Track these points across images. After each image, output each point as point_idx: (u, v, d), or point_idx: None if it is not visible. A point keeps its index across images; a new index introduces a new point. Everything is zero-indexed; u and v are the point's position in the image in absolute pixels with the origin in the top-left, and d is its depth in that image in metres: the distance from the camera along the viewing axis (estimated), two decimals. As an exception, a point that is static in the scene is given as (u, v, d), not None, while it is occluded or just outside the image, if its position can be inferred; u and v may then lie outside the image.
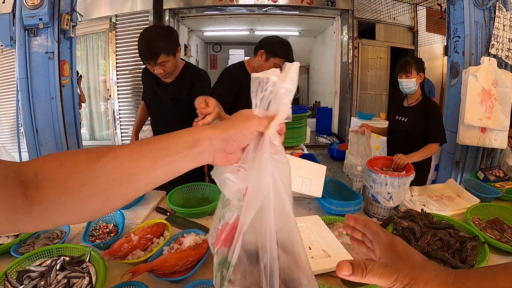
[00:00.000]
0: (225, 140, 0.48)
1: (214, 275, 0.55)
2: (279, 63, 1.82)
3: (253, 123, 0.49)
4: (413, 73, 2.01)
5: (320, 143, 6.39)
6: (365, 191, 1.55)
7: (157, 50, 1.49)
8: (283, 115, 0.51)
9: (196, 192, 1.73)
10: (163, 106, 1.77)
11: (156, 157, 0.44)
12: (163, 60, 1.52)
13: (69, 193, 0.40)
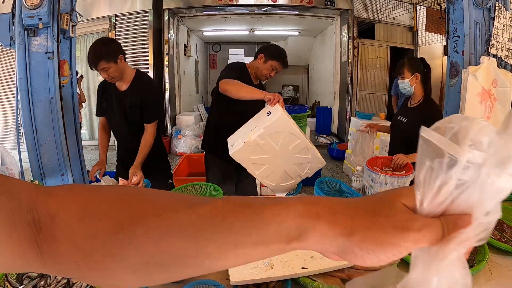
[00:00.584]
0: (345, 251, 0.30)
1: None
2: (275, 66, 1.99)
3: (405, 244, 0.29)
4: (406, 74, 2.03)
5: (320, 142, 6.39)
6: (365, 191, 1.55)
7: (96, 58, 1.73)
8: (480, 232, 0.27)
9: (196, 192, 1.73)
10: (122, 115, 1.95)
11: (227, 242, 0.30)
12: (104, 66, 1.75)
13: (87, 261, 0.30)
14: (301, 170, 1.68)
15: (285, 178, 1.69)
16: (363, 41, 6.16)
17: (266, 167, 1.61)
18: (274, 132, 1.52)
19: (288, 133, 1.55)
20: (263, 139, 1.52)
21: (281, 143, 1.56)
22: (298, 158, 1.62)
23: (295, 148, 1.59)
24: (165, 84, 6.14)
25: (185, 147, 5.72)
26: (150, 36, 5.74)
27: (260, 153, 1.56)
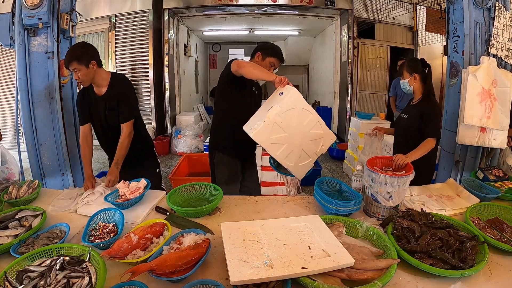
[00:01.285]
0: None
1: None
2: (273, 62, 2.04)
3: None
4: (405, 75, 2.13)
5: (320, 142, 6.38)
6: (365, 191, 1.55)
7: (70, 58, 1.79)
8: None
9: (196, 192, 1.73)
10: (104, 119, 1.99)
11: None
12: (75, 67, 1.80)
13: None
14: (316, 146, 1.76)
15: (303, 157, 1.75)
16: (363, 41, 6.16)
17: (285, 147, 1.66)
18: (289, 108, 1.60)
19: (302, 109, 1.64)
20: (281, 116, 1.59)
21: (297, 120, 1.64)
22: (313, 134, 1.70)
23: (309, 123, 1.68)
24: (165, 84, 6.13)
25: (185, 147, 5.72)
26: (150, 36, 5.73)
27: (279, 132, 1.62)
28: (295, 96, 1.62)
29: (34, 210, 1.43)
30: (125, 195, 1.60)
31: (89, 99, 1.98)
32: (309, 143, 1.72)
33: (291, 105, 1.61)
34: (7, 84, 5.65)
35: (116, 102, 1.95)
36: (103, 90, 1.96)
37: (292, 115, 1.62)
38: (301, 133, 1.68)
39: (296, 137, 1.67)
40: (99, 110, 1.98)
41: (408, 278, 1.06)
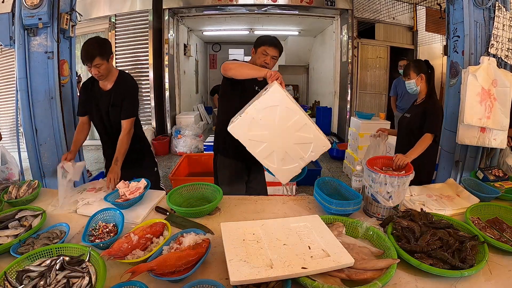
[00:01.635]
0: None
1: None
2: (265, 49, 1.95)
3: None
4: (411, 75, 2.15)
5: (320, 142, 6.38)
6: (365, 191, 1.55)
7: (93, 54, 1.82)
8: None
9: (196, 192, 1.73)
10: (103, 113, 2.01)
11: None
12: (98, 62, 1.84)
13: None
14: (304, 151, 1.61)
15: (287, 160, 1.62)
16: (363, 41, 6.16)
17: (265, 146, 1.57)
18: (270, 105, 1.50)
19: (285, 108, 1.51)
20: (260, 113, 1.50)
21: (279, 119, 1.52)
22: (299, 137, 1.57)
23: (295, 125, 1.54)
24: (165, 84, 6.14)
25: (185, 147, 5.72)
26: (150, 36, 5.73)
27: (258, 129, 1.53)
28: (276, 93, 1.50)
29: (34, 210, 1.43)
30: (125, 195, 1.60)
31: (92, 93, 2.01)
32: (295, 147, 1.59)
33: (271, 102, 1.50)
34: (7, 84, 5.64)
35: (120, 99, 1.98)
36: (108, 85, 1.99)
37: (274, 113, 1.52)
38: (284, 134, 1.56)
39: (279, 137, 1.56)
40: (102, 105, 2.00)
41: (408, 278, 1.06)
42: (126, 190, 1.62)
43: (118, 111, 1.99)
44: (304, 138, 1.58)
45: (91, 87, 2.03)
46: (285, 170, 1.65)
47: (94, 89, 2.02)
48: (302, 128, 1.56)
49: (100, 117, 2.03)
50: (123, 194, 1.62)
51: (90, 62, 1.84)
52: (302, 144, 1.59)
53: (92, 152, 5.89)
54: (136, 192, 1.62)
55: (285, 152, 1.60)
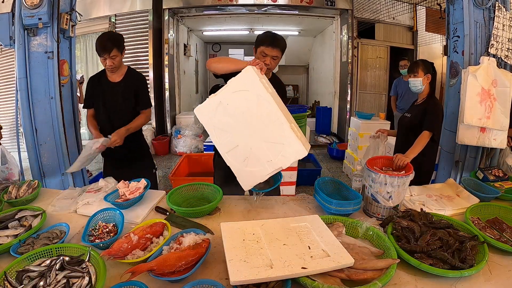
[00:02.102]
0: None
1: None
2: (263, 50, 1.81)
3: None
4: (420, 73, 2.14)
5: (320, 142, 6.39)
6: (365, 191, 1.55)
7: (112, 44, 1.96)
8: None
9: (196, 192, 1.73)
10: (116, 105, 2.11)
11: None
12: (115, 54, 1.98)
13: None
14: (272, 153, 1.35)
15: (251, 160, 1.39)
16: (363, 41, 6.16)
17: (229, 137, 1.39)
18: (239, 89, 1.34)
19: (256, 95, 1.32)
20: (228, 97, 1.35)
21: (248, 107, 1.33)
22: (269, 134, 1.33)
23: (266, 118, 1.33)
24: (165, 84, 6.13)
25: (185, 147, 5.72)
26: (150, 36, 5.73)
27: (224, 116, 1.37)
28: (248, 75, 1.34)
29: (34, 210, 1.43)
30: (125, 195, 1.60)
31: (100, 86, 2.11)
32: (262, 145, 1.35)
33: (242, 85, 1.33)
34: (7, 84, 5.64)
35: (132, 91, 2.11)
36: (117, 78, 2.11)
37: (243, 100, 1.33)
38: (252, 127, 1.34)
39: (245, 129, 1.35)
40: (110, 96, 2.09)
41: (408, 278, 1.06)
42: (126, 190, 1.62)
43: (128, 103, 2.11)
44: (275, 136, 1.34)
45: (98, 81, 2.12)
46: (248, 173, 1.42)
47: (101, 82, 2.11)
48: (275, 124, 1.32)
49: (106, 108, 2.11)
50: (123, 194, 1.62)
51: (108, 53, 1.95)
52: (271, 144, 1.35)
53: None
54: (136, 192, 1.62)
55: (250, 150, 1.38)
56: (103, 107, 2.11)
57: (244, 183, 1.45)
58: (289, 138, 1.32)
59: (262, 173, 1.39)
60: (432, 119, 2.03)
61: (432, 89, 2.19)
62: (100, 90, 2.11)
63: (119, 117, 2.11)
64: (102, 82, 2.12)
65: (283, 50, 1.85)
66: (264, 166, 1.38)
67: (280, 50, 1.82)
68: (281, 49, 1.83)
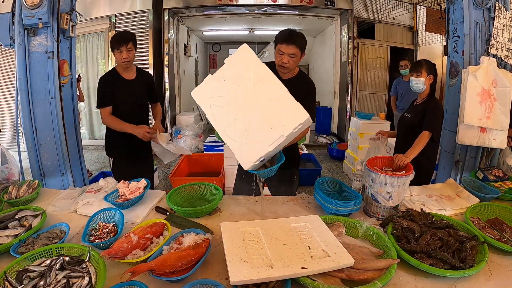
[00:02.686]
0: None
1: None
2: (279, 48, 1.72)
3: None
4: (423, 73, 2.12)
5: (320, 142, 6.39)
6: (365, 191, 1.55)
7: (129, 37, 2.12)
8: None
9: (196, 192, 1.73)
10: (136, 98, 2.27)
11: None
12: (131, 46, 2.12)
13: None
14: (272, 121, 1.29)
15: (251, 133, 1.32)
16: (363, 41, 6.16)
17: (227, 112, 1.36)
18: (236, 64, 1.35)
19: (252, 67, 1.33)
20: (224, 75, 1.35)
21: (245, 80, 1.33)
22: (268, 103, 1.31)
23: (263, 88, 1.32)
24: (165, 84, 6.13)
25: (185, 147, 5.72)
26: (150, 36, 5.73)
27: (221, 92, 1.35)
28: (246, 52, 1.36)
29: (34, 210, 1.43)
30: (125, 195, 1.60)
31: (116, 84, 2.19)
32: (261, 115, 1.30)
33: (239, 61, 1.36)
34: (7, 84, 5.64)
35: (146, 87, 2.32)
36: (132, 75, 2.27)
37: (240, 73, 1.34)
38: (249, 98, 1.32)
39: (242, 102, 1.33)
40: (132, 92, 2.23)
41: (408, 278, 1.06)
42: (126, 190, 1.62)
43: (145, 98, 2.34)
44: (274, 104, 1.30)
45: (111, 79, 2.20)
46: (248, 148, 1.33)
47: (116, 80, 2.20)
48: (273, 92, 1.31)
49: (126, 105, 2.22)
50: (123, 194, 1.62)
51: (126, 44, 2.08)
52: (272, 113, 1.30)
53: (92, 152, 5.89)
54: (136, 192, 1.62)
55: (249, 122, 1.32)
56: (123, 104, 2.20)
57: (245, 161, 1.33)
58: (289, 103, 1.28)
59: (263, 145, 1.30)
60: (431, 119, 2.03)
61: (433, 89, 2.19)
62: (116, 88, 2.18)
63: (138, 112, 2.29)
64: (117, 80, 2.20)
65: (302, 47, 1.74)
66: (264, 136, 1.30)
67: (298, 47, 1.70)
68: (299, 46, 1.71)
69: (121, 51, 2.09)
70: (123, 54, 2.10)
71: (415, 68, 2.16)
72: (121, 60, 2.13)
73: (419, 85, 2.13)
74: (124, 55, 2.10)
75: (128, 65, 2.19)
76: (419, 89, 2.15)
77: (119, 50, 2.09)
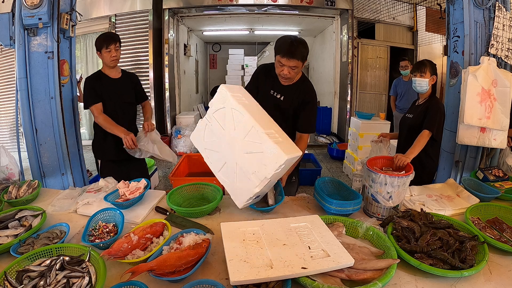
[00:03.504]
0: None
1: None
2: (279, 60, 1.67)
3: None
4: (427, 74, 2.16)
5: (320, 142, 6.39)
6: (365, 191, 1.55)
7: (116, 38, 2.20)
8: None
9: (196, 192, 1.73)
10: (124, 95, 2.32)
11: None
12: (117, 46, 2.20)
13: None
14: (255, 164, 1.31)
15: (239, 175, 1.37)
16: (363, 41, 6.16)
17: (218, 155, 1.42)
18: (217, 108, 1.40)
19: (230, 109, 1.35)
20: (211, 118, 1.41)
21: (227, 123, 1.37)
22: (248, 145, 1.32)
23: (242, 129, 1.33)
24: (165, 84, 6.13)
25: (185, 147, 5.72)
26: (150, 35, 5.73)
27: (211, 136, 1.43)
28: (221, 93, 1.39)
29: (34, 210, 1.43)
30: (125, 195, 1.60)
31: (101, 84, 2.23)
32: (245, 157, 1.34)
33: (219, 104, 1.39)
34: (7, 84, 5.64)
35: (131, 86, 2.38)
36: (117, 74, 2.33)
37: (222, 117, 1.38)
38: (233, 141, 1.35)
39: (228, 145, 1.37)
40: (118, 90, 2.28)
41: (408, 278, 1.06)
42: (126, 190, 1.62)
43: (132, 96, 2.39)
44: (254, 146, 1.31)
45: (97, 79, 2.24)
46: (239, 189, 1.40)
47: (102, 80, 2.24)
48: (251, 133, 1.31)
49: (113, 103, 2.25)
50: (123, 194, 1.62)
51: (114, 43, 2.16)
52: (253, 154, 1.32)
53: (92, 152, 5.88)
54: (136, 192, 1.62)
55: (236, 165, 1.37)
56: (112, 102, 2.25)
57: (237, 201, 1.44)
58: (266, 144, 1.28)
59: (250, 186, 1.34)
60: (432, 119, 2.04)
61: (434, 89, 2.22)
62: (104, 86, 2.23)
63: (128, 110, 2.35)
64: (104, 79, 2.25)
65: (304, 58, 1.67)
66: (250, 179, 1.34)
67: (299, 59, 1.65)
68: (301, 58, 1.65)
69: (110, 50, 2.16)
70: (112, 53, 2.17)
71: (419, 68, 2.16)
72: (110, 58, 2.19)
73: (423, 85, 2.15)
74: (113, 53, 2.17)
75: (116, 63, 2.26)
76: (423, 89, 2.17)
77: (108, 49, 2.16)
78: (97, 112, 2.21)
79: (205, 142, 1.46)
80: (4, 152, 2.01)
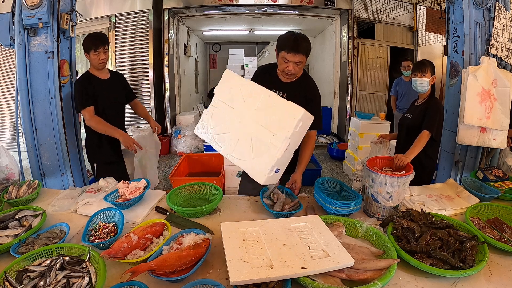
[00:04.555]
0: None
1: None
2: (284, 56, 1.65)
3: None
4: (428, 74, 2.15)
5: (320, 142, 6.39)
6: (365, 191, 1.55)
7: (104, 40, 2.19)
8: None
9: (196, 192, 1.73)
10: (115, 95, 2.32)
11: None
12: (106, 49, 2.19)
13: None
14: (273, 128, 1.31)
15: (257, 147, 1.34)
16: (363, 41, 6.16)
17: (229, 136, 1.40)
18: (224, 91, 1.44)
19: (237, 87, 1.38)
20: (217, 105, 1.46)
21: (236, 101, 1.38)
22: (262, 113, 1.33)
23: (254, 101, 1.35)
24: (165, 84, 6.13)
25: (185, 147, 5.72)
26: (150, 35, 5.73)
27: (219, 122, 1.44)
28: (227, 76, 1.45)
29: (34, 210, 1.43)
30: (125, 195, 1.60)
31: (92, 85, 2.19)
32: (260, 127, 1.33)
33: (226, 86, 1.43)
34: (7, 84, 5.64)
35: (121, 86, 2.39)
36: (106, 75, 2.30)
37: (231, 97, 1.41)
38: (245, 116, 1.37)
39: (240, 122, 1.37)
40: (108, 91, 2.26)
41: (408, 278, 1.06)
42: (126, 190, 1.62)
43: (122, 96, 2.40)
44: (267, 111, 1.33)
45: (88, 82, 2.20)
46: (258, 163, 1.36)
47: (92, 82, 2.20)
48: (264, 100, 1.34)
49: (104, 103, 2.23)
50: (123, 194, 1.62)
51: (103, 46, 2.16)
52: (268, 120, 1.33)
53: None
54: (136, 192, 1.62)
55: (251, 138, 1.35)
56: (104, 103, 2.23)
57: (258, 176, 1.36)
58: (280, 105, 1.30)
59: (271, 153, 1.31)
60: (431, 119, 2.04)
61: (433, 89, 2.21)
62: (94, 87, 2.20)
63: (119, 111, 2.35)
64: (94, 81, 2.22)
65: (308, 52, 1.66)
66: (271, 143, 1.32)
67: (304, 54, 1.64)
68: (305, 53, 1.65)
69: (98, 53, 2.15)
70: (101, 55, 2.16)
71: (420, 68, 2.16)
72: (98, 61, 2.17)
73: (424, 85, 2.15)
74: (102, 56, 2.16)
75: (104, 66, 2.25)
76: (424, 89, 2.16)
77: (97, 51, 2.15)
78: (89, 115, 2.15)
79: (213, 129, 1.46)
80: (4, 152, 2.01)
